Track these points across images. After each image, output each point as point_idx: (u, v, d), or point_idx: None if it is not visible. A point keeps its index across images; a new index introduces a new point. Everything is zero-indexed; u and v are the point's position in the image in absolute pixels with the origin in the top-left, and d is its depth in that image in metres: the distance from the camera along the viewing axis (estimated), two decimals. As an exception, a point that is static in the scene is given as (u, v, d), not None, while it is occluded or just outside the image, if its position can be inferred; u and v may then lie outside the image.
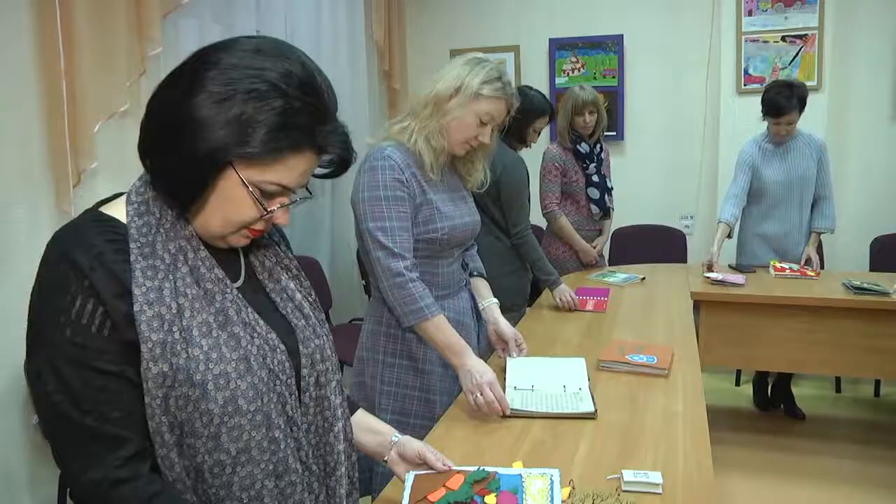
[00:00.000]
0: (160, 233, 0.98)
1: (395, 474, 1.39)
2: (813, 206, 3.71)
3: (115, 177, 2.52)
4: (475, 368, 1.84)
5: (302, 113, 0.96)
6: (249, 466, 1.01)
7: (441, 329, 1.90)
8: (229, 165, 0.95)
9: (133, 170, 1.03)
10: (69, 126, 2.32)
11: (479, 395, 1.80)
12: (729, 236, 3.70)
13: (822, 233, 3.72)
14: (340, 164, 1.05)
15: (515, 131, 3.08)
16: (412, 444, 1.38)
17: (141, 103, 2.65)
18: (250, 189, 0.97)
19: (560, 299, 2.90)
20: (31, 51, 2.27)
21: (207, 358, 0.97)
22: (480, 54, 2.00)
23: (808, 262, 3.63)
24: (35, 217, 2.31)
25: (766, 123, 3.60)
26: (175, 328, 0.95)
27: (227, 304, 1.02)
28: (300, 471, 1.10)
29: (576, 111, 3.57)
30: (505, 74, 1.97)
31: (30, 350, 0.94)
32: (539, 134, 3.29)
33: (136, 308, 0.92)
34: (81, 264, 0.91)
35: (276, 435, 1.04)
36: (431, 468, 1.35)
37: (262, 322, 1.05)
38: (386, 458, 1.39)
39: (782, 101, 3.43)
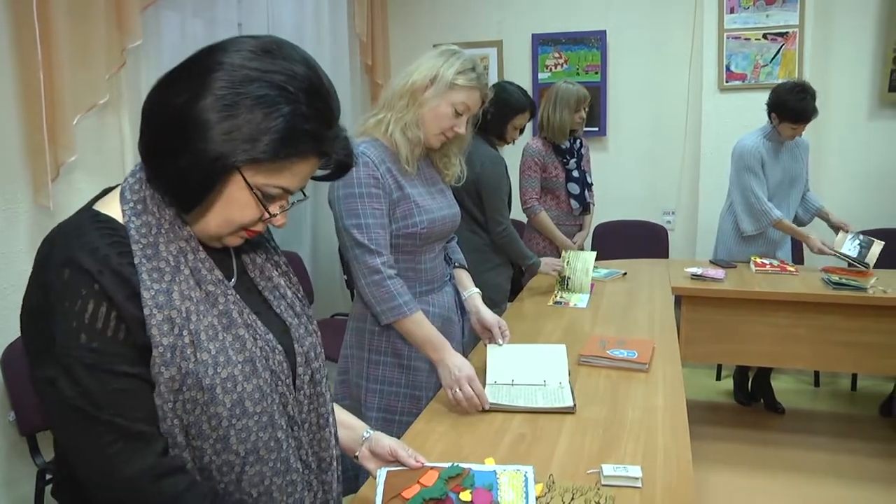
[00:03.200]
0: (161, 234, 0.97)
1: (367, 470, 1.39)
2: (802, 199, 3.77)
3: (94, 171, 2.49)
4: (454, 363, 1.84)
5: (310, 119, 0.95)
6: (258, 465, 1.02)
7: (420, 325, 1.91)
8: (236, 170, 0.94)
9: (113, 163, 1.02)
10: (47, 119, 2.28)
11: (457, 390, 1.81)
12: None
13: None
14: (340, 168, 1.05)
15: (495, 129, 3.09)
16: (384, 441, 1.38)
17: (121, 96, 2.64)
18: (255, 192, 0.97)
19: (551, 272, 3.09)
20: (6, 42, 2.23)
21: (215, 362, 0.97)
22: (454, 46, 2.00)
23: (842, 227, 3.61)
24: (12, 212, 2.28)
25: (751, 120, 3.60)
26: (185, 332, 0.95)
27: (230, 305, 1.02)
28: (300, 469, 1.10)
29: (576, 107, 3.57)
30: (478, 66, 1.99)
31: (38, 357, 0.91)
32: (520, 131, 3.26)
33: (146, 312, 0.92)
34: (89, 268, 0.89)
35: (279, 435, 1.05)
36: (404, 465, 1.35)
37: (259, 323, 1.05)
38: (357, 454, 1.38)
39: (809, 107, 3.39)
